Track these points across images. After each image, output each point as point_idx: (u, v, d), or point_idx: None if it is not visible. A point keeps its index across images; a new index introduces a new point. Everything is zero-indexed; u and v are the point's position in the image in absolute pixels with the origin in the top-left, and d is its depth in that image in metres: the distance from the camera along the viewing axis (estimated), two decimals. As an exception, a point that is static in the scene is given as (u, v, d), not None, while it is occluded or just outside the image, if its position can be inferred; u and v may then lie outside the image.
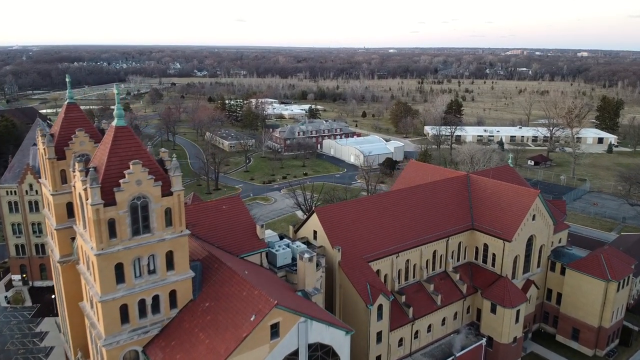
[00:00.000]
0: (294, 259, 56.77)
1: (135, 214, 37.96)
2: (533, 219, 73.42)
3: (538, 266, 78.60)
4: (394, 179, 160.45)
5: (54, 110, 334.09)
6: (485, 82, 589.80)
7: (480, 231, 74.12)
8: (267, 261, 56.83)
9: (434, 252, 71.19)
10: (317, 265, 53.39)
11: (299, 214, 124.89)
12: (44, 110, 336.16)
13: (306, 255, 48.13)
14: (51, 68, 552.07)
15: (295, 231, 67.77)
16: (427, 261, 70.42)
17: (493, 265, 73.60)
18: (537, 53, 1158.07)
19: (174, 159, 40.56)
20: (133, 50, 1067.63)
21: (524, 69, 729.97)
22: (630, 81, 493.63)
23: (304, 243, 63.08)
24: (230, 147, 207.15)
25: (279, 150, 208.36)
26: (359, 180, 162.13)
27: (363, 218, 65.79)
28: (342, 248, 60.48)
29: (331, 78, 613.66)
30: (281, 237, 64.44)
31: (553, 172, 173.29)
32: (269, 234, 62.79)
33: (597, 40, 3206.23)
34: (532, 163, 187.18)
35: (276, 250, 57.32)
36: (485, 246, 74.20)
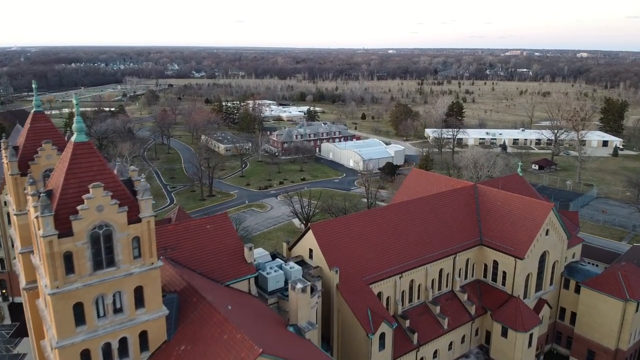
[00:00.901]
0: (287, 281, 51.39)
1: (96, 246, 32.43)
2: (546, 233, 68.04)
3: (551, 284, 73.17)
4: (394, 185, 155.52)
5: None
6: (485, 83, 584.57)
7: (489, 247, 68.71)
8: (257, 285, 51.41)
9: (440, 271, 65.79)
10: (313, 290, 47.93)
11: (296, 222, 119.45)
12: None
13: (299, 286, 42.61)
14: (47, 69, 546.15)
15: (290, 248, 62.35)
16: (432, 280, 65.01)
17: (503, 283, 68.19)
18: (537, 54, 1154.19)
19: (142, 179, 34.93)
20: (132, 51, 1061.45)
21: (524, 69, 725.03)
22: (632, 82, 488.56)
23: (298, 263, 57.67)
24: (226, 150, 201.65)
25: (276, 154, 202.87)
26: (359, 186, 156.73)
27: (363, 235, 60.35)
28: (340, 269, 55.04)
29: (330, 79, 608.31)
30: (273, 257, 59.01)
31: (559, 177, 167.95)
32: (260, 253, 57.35)
33: (596, 40, 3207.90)
34: (537, 167, 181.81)
35: (267, 273, 51.86)
36: (495, 263, 68.79)
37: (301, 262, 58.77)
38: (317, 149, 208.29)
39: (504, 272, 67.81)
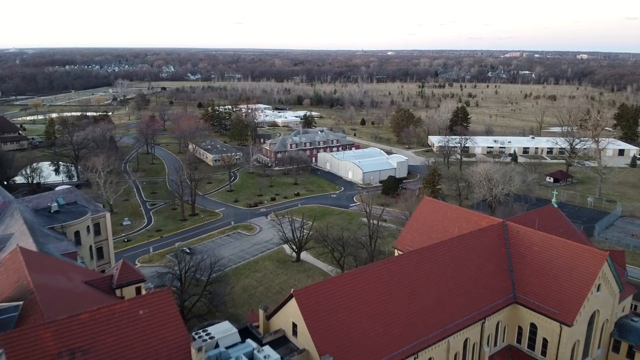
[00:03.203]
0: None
1: None
2: (597, 289, 53.20)
3: (598, 347, 58.35)
4: (397, 201, 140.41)
5: (33, 118, 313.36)
6: (488, 86, 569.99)
7: (526, 306, 53.80)
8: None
9: (465, 341, 50.82)
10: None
11: (287, 248, 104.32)
12: (20, 118, 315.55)
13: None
14: (37, 72, 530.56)
15: (268, 317, 47.38)
16: (455, 354, 50.03)
17: (543, 353, 53.24)
18: (537, 55, 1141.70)
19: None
20: (130, 53, 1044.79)
21: (527, 72, 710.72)
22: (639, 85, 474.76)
23: (279, 342, 42.81)
24: (215, 161, 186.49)
25: (269, 164, 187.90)
26: (358, 202, 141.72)
27: (364, 301, 45.33)
28: (335, 356, 40.04)
29: (328, 82, 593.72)
30: (243, 333, 44.02)
31: (577, 192, 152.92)
32: (225, 331, 42.13)
33: (595, 42, 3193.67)
34: (551, 180, 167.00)
35: (232, 367, 36.98)
36: (533, 327, 53.87)
37: (283, 340, 43.90)
38: (314, 158, 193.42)
39: (544, 339, 52.91)
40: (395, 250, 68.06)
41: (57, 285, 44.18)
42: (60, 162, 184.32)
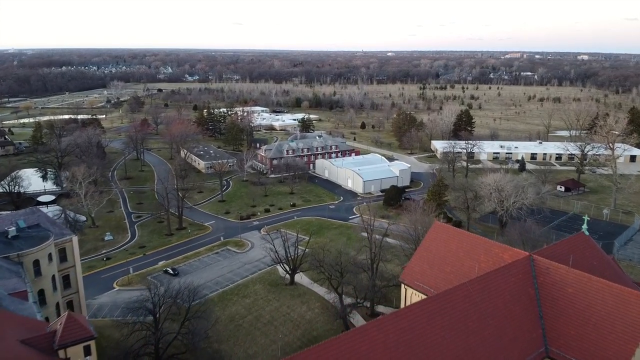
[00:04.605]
0: None
1: None
2: (647, 341, 43.81)
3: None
4: (400, 212, 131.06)
5: (23, 121, 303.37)
6: (490, 88, 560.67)
7: (561, 364, 44.54)
8: None
9: (489, 411, 41.50)
10: None
11: (281, 268, 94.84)
12: (11, 121, 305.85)
13: None
14: (31, 74, 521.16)
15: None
16: None
17: (582, 419, 43.94)
18: (537, 56, 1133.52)
19: None
20: (129, 54, 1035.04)
21: (529, 73, 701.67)
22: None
23: None
24: (207, 168, 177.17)
25: (264, 171, 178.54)
26: (358, 214, 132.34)
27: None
28: None
29: (328, 83, 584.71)
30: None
31: (592, 203, 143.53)
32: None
33: (595, 42, 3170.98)
34: (562, 189, 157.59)
35: None
36: (570, 388, 44.56)
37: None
38: (311, 165, 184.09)
39: (585, 403, 43.60)
40: (402, 285, 58.80)
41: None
42: (48, 170, 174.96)
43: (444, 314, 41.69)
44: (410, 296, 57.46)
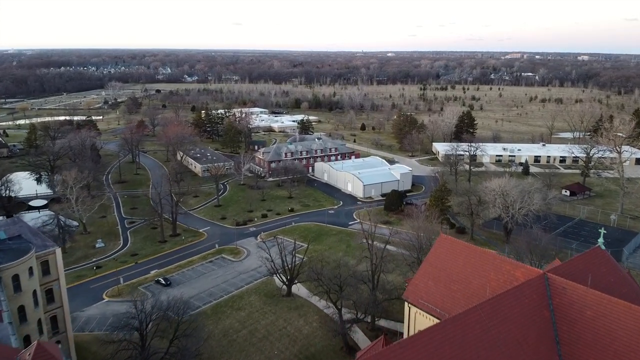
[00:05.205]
0: None
1: None
2: (675, 370, 39.95)
3: None
4: (401, 218, 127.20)
5: (19, 122, 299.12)
6: (491, 88, 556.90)
7: (580, 396, 40.59)
8: None
9: None
10: None
11: (277, 279, 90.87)
12: (6, 123, 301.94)
13: None
14: (28, 74, 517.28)
15: None
16: None
17: None
18: (537, 57, 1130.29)
19: None
20: (128, 54, 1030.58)
21: (530, 73, 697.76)
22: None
23: None
24: (204, 171, 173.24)
25: (262, 175, 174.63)
26: (358, 220, 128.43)
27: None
28: None
29: (328, 84, 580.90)
30: None
31: (598, 208, 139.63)
32: None
33: (596, 43, 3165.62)
34: (567, 193, 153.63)
35: None
36: (590, 422, 40.64)
37: None
38: (310, 168, 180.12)
39: None
40: (406, 304, 54.87)
41: None
42: (42, 173, 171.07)
43: (453, 343, 37.77)
44: (415, 315, 53.56)
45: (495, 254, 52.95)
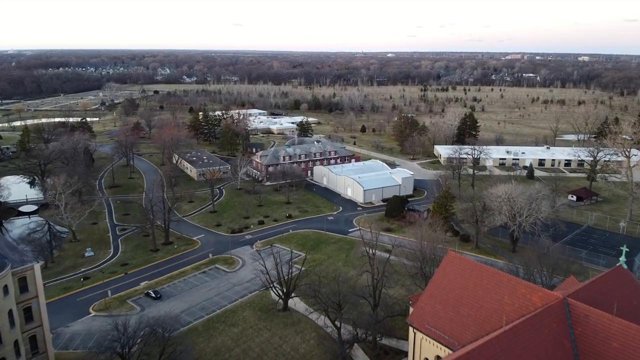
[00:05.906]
0: None
1: None
2: None
3: None
4: (403, 225, 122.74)
5: (14, 124, 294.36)
6: (492, 89, 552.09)
7: None
8: None
9: None
10: None
11: (273, 293, 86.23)
12: (1, 124, 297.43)
13: None
14: (25, 75, 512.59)
15: None
16: None
17: None
18: (538, 57, 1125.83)
19: None
20: (127, 55, 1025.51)
21: (531, 74, 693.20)
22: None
23: None
24: (200, 175, 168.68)
25: (260, 179, 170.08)
26: (358, 227, 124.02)
27: None
28: None
29: (327, 85, 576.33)
30: None
31: (606, 215, 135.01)
32: None
33: (596, 43, 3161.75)
34: (574, 198, 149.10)
35: None
36: None
37: None
38: (309, 172, 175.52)
39: None
40: (410, 329, 50.30)
41: None
42: (32, 177, 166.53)
43: (466, 385, 33.29)
44: (420, 341, 49.00)
45: (509, 275, 48.30)
